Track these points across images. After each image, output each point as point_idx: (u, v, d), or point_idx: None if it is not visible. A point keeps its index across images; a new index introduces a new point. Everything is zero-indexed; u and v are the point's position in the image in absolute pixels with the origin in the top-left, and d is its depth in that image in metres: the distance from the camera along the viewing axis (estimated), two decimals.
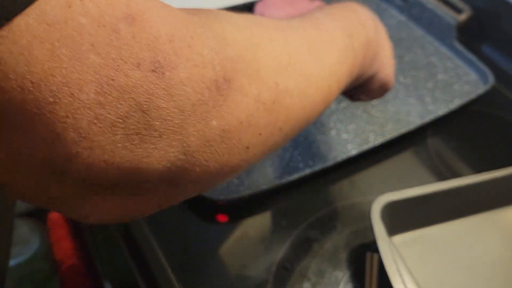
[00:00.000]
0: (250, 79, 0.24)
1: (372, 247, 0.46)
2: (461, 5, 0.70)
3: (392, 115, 0.59)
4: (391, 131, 0.57)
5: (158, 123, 0.19)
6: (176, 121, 0.20)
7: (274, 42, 0.28)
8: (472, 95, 0.61)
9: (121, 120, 0.18)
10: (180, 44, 0.20)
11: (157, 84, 0.19)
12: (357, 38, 0.37)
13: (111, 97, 0.18)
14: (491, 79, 0.63)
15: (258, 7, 0.70)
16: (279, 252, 0.45)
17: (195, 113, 0.21)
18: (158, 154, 0.20)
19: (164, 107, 0.19)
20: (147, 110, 0.19)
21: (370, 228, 0.42)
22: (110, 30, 0.18)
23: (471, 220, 0.49)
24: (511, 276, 0.45)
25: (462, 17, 0.68)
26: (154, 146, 0.20)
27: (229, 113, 0.23)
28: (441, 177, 0.55)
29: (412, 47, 0.70)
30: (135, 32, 0.18)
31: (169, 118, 0.20)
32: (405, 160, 0.57)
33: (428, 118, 0.58)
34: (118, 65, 0.18)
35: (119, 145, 0.19)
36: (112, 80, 0.18)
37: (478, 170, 0.51)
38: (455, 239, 0.47)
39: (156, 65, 0.19)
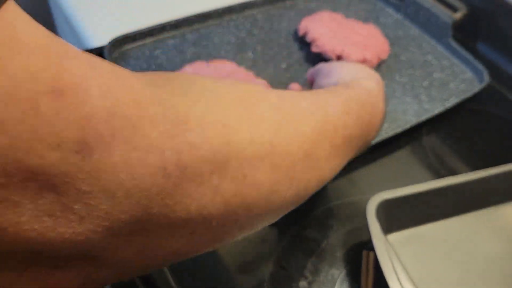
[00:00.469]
0: (213, 167, 0.22)
1: (368, 245, 0.46)
2: (456, 3, 0.70)
3: (388, 114, 0.59)
4: (388, 130, 0.57)
5: (77, 207, 0.17)
6: (103, 207, 0.18)
7: (261, 128, 0.25)
8: (468, 94, 0.61)
9: (28, 201, 0.16)
10: (121, 123, 0.18)
11: (80, 166, 0.17)
12: (358, 143, 0.36)
13: (16, 179, 0.16)
14: (487, 77, 0.63)
15: (304, 22, 0.69)
16: (276, 251, 0.46)
17: (130, 200, 0.18)
18: (76, 238, 0.18)
19: (87, 191, 0.17)
20: (64, 193, 0.17)
21: (366, 226, 0.42)
22: (27, 106, 0.15)
23: (467, 218, 0.49)
24: (507, 274, 0.45)
25: (458, 15, 0.69)
26: (72, 231, 0.17)
27: (177, 202, 0.20)
28: (438, 175, 0.55)
29: (408, 46, 0.70)
30: (60, 108, 0.16)
31: (92, 203, 0.17)
32: (402, 158, 0.57)
33: (424, 116, 0.58)
34: (30, 146, 0.15)
35: (26, 227, 0.16)
36: (20, 162, 0.15)
37: (474, 167, 0.51)
38: (451, 237, 0.48)
39: (83, 146, 0.17)
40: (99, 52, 0.62)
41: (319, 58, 0.64)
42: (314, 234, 0.48)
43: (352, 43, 0.64)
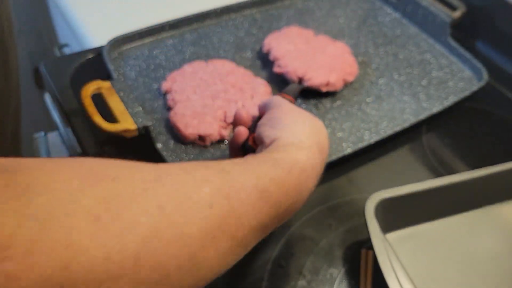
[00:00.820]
0: None
1: (367, 244, 0.46)
2: (455, 2, 0.70)
3: (386, 112, 0.59)
4: (386, 129, 0.57)
5: None
6: None
7: (125, 239, 0.21)
8: (467, 92, 0.62)
9: None
10: None
11: None
12: (270, 228, 0.32)
13: None
14: (485, 75, 0.63)
15: (268, 38, 0.66)
16: (275, 250, 0.46)
17: None
18: None
19: None
20: None
21: (364, 225, 0.42)
22: None
23: (465, 217, 0.50)
24: (504, 272, 0.46)
25: (457, 14, 0.69)
26: None
27: None
28: (436, 174, 0.55)
29: (407, 45, 0.70)
30: None
31: None
32: (401, 157, 0.57)
33: (423, 115, 0.58)
34: None
35: None
36: None
37: (473, 166, 0.52)
38: (449, 235, 0.48)
39: None
40: (98, 52, 0.63)
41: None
42: (312, 233, 0.48)
43: (317, 64, 0.61)
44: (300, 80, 0.59)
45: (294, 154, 0.35)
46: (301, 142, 0.37)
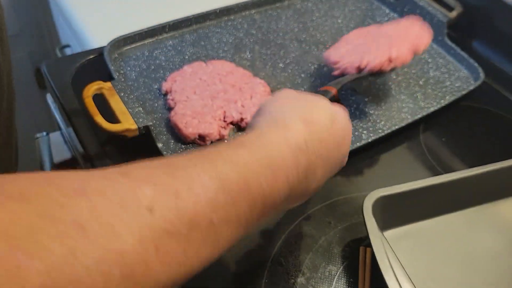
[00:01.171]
0: None
1: (365, 241, 0.47)
2: (452, 2, 0.71)
3: (384, 112, 0.60)
4: (384, 128, 0.57)
5: None
6: None
7: (22, 275, 0.17)
8: (464, 91, 0.62)
9: None
10: None
11: None
12: (241, 226, 0.28)
13: None
14: (482, 75, 0.64)
15: (327, 52, 0.61)
16: (274, 248, 0.46)
17: None
18: None
19: None
20: None
21: (363, 223, 0.43)
22: None
23: (463, 214, 0.50)
24: (502, 269, 0.46)
25: (453, 14, 0.69)
26: None
27: None
28: (434, 172, 0.56)
29: None
30: None
31: None
32: (399, 156, 0.58)
33: (420, 114, 0.59)
34: None
35: None
36: None
37: (470, 164, 0.52)
38: (447, 233, 0.48)
39: None
40: (99, 52, 0.63)
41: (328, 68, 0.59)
42: (312, 230, 0.48)
43: (375, 48, 0.56)
44: (359, 69, 0.55)
45: (265, 133, 0.31)
46: (277, 120, 0.32)
